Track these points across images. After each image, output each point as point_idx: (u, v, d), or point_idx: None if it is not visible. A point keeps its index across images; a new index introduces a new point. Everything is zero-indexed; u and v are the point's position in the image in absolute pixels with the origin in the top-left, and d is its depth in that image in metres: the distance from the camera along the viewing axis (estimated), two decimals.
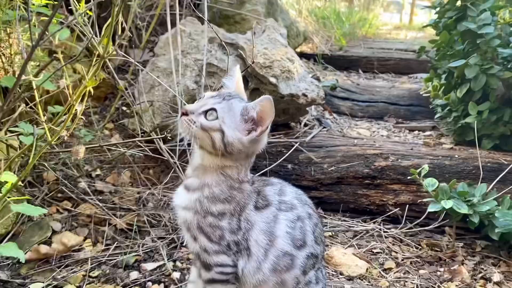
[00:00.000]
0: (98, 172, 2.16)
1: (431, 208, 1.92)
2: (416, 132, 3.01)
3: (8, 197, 1.18)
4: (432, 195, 1.95)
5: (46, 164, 1.80)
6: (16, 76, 1.67)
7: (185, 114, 1.18)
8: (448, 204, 1.87)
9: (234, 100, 1.23)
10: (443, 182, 1.98)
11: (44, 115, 1.43)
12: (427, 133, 2.96)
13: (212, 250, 1.20)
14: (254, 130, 1.20)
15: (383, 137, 2.92)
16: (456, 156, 2.27)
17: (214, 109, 1.18)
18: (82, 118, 0.92)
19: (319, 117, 2.96)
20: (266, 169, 2.31)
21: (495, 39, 2.08)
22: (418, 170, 1.99)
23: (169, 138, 1.76)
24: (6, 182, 1.21)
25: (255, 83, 2.42)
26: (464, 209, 1.87)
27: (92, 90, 0.90)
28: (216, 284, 1.23)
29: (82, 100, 0.90)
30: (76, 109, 0.86)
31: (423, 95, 3.12)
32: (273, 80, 2.35)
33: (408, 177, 2.10)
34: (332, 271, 1.85)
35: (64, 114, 1.14)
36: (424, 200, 2.02)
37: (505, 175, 2.08)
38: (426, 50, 2.82)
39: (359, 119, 3.33)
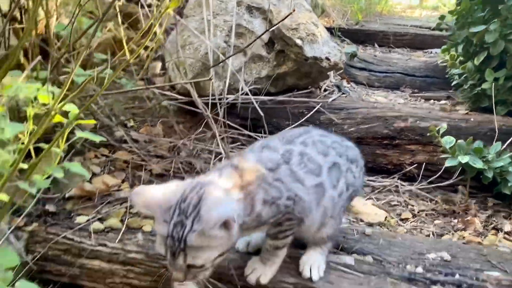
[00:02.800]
0: (132, 123, 2.28)
1: (448, 163, 2.03)
2: (432, 101, 3.11)
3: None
4: (449, 151, 2.06)
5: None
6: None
7: None
8: (464, 159, 1.98)
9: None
10: None
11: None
12: (442, 102, 3.05)
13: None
14: None
15: (400, 104, 3.03)
16: (472, 119, 2.38)
17: None
18: (161, 38, 1.03)
19: (338, 84, 3.06)
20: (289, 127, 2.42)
21: None
22: (436, 128, 2.11)
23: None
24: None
25: (281, 45, 2.51)
26: (479, 164, 1.99)
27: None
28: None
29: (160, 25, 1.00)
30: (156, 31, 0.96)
31: (439, 66, 3.20)
32: (299, 42, 2.44)
33: (427, 134, 2.21)
34: (353, 218, 1.98)
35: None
36: (442, 156, 2.13)
37: None
38: (444, 24, 2.89)
39: (376, 88, 3.43)
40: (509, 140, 2.12)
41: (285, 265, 1.49)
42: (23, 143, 1.18)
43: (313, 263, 1.46)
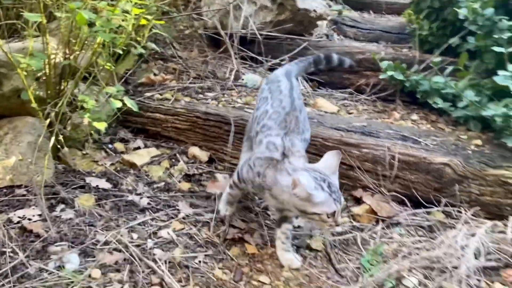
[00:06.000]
0: (177, 47, 3.45)
1: (381, 76, 3.12)
2: (397, 48, 4.12)
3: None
4: (383, 70, 3.13)
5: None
6: None
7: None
8: (391, 73, 3.05)
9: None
10: None
11: None
12: (404, 50, 4.07)
13: None
14: None
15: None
16: (410, 54, 3.42)
17: None
18: None
19: (327, 33, 4.13)
20: (284, 56, 3.51)
21: None
22: (377, 56, 3.18)
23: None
24: None
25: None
26: (400, 77, 3.05)
27: None
28: None
29: None
30: None
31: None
32: None
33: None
34: (317, 110, 3.08)
35: None
36: (381, 76, 3.20)
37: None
38: None
39: (360, 42, 4.46)
40: (424, 64, 3.16)
41: None
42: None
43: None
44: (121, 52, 2.40)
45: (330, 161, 1.79)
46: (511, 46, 2.57)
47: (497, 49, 2.48)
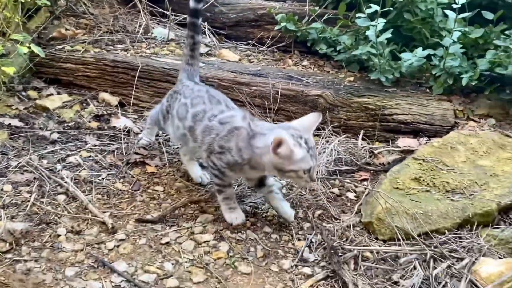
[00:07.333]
0: (89, 4, 3.64)
1: (276, 27, 3.50)
2: (296, 4, 4.51)
3: None
4: (279, 22, 3.51)
5: None
6: None
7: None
8: (284, 24, 3.44)
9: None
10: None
11: None
12: (306, 7, 4.48)
13: None
14: None
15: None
16: (305, 9, 3.82)
17: None
18: None
19: None
20: None
21: None
22: (272, 9, 3.55)
23: None
24: None
25: None
26: (293, 27, 3.45)
27: None
28: None
29: None
30: None
31: None
32: None
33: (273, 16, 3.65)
34: (220, 59, 3.42)
35: None
36: (276, 28, 3.58)
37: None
38: None
39: (269, 1, 4.81)
40: (297, 17, 3.57)
41: None
42: None
43: None
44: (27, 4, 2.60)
45: (306, 121, 1.82)
46: None
47: None
